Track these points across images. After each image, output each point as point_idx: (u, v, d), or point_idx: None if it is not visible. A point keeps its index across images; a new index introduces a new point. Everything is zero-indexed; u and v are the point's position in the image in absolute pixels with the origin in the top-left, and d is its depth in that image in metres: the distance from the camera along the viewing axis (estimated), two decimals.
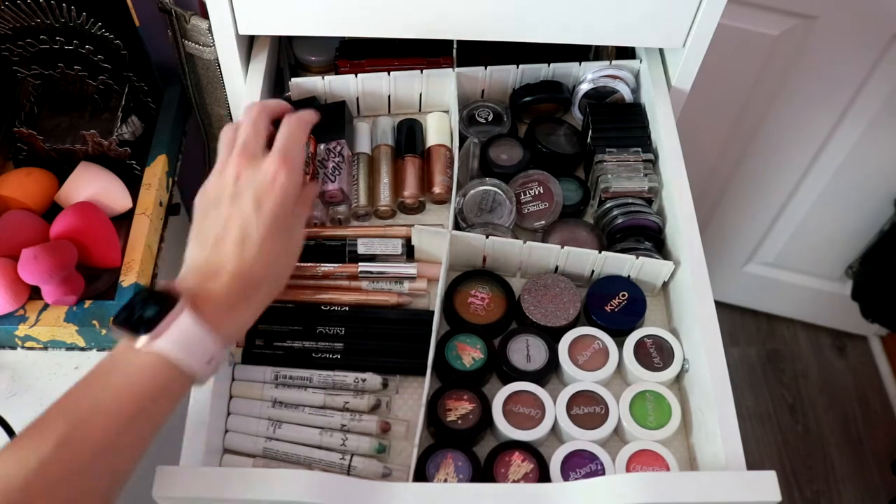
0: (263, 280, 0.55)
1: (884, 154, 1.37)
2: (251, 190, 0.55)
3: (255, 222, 0.54)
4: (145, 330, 0.49)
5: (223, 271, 0.53)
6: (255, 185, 0.56)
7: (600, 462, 0.65)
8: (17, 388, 0.75)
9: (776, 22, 1.20)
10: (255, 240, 0.54)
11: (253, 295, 0.55)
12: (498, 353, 0.70)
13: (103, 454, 0.48)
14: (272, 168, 0.56)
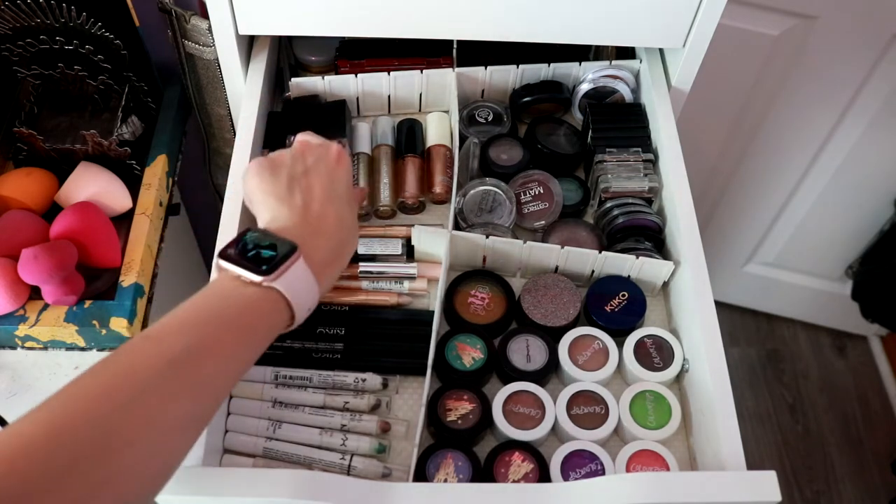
0: (347, 243, 0.59)
1: (884, 154, 1.37)
2: (323, 164, 0.60)
3: (336, 192, 0.59)
4: (267, 269, 0.51)
5: (322, 232, 0.57)
6: (325, 161, 0.61)
7: (600, 462, 0.65)
8: (17, 388, 0.75)
9: (776, 22, 1.20)
10: (341, 207, 0.59)
11: (341, 256, 0.59)
12: (498, 353, 0.70)
13: (216, 375, 0.48)
14: (335, 147, 0.62)
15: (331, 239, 0.57)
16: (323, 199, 0.58)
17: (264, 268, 0.51)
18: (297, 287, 0.53)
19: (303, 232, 0.56)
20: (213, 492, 0.55)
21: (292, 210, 0.57)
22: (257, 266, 0.51)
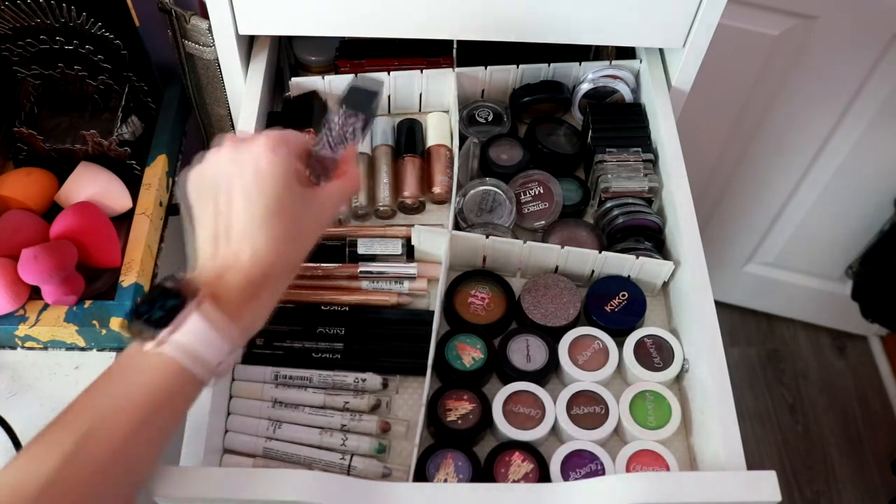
0: (268, 276, 0.51)
1: (884, 154, 1.37)
2: (239, 178, 0.50)
3: (247, 215, 0.50)
4: (153, 333, 0.47)
5: (227, 270, 0.50)
6: (242, 170, 0.50)
7: (600, 462, 0.65)
8: (17, 388, 0.75)
9: (776, 22, 1.20)
10: (253, 231, 0.50)
11: (267, 284, 0.51)
12: (498, 353, 0.70)
13: (119, 459, 0.46)
14: (256, 150, 0.50)
15: (244, 271, 0.50)
16: (245, 221, 0.50)
17: (150, 332, 0.47)
18: (193, 344, 0.48)
19: (212, 270, 0.50)
20: (213, 492, 0.55)
21: (206, 241, 0.51)
22: (146, 331, 0.47)
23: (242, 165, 0.50)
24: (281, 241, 0.51)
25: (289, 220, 0.51)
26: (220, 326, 0.48)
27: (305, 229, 0.53)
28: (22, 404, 0.74)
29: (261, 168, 0.50)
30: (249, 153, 0.50)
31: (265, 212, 0.50)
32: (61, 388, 0.75)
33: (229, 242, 0.50)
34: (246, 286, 0.50)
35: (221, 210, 0.51)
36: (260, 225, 0.50)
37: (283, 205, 0.50)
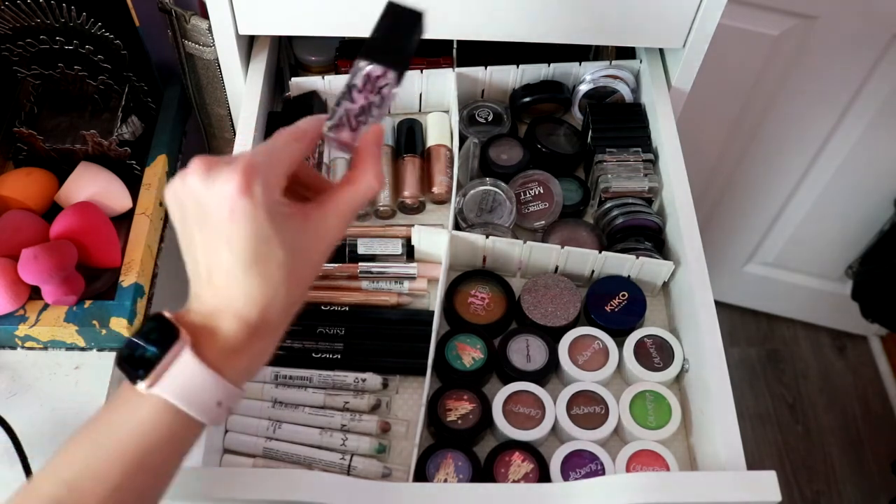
0: (263, 318, 0.45)
1: (884, 154, 1.37)
2: (214, 219, 0.44)
3: (230, 259, 0.44)
4: (144, 372, 0.43)
5: (220, 312, 0.45)
6: (216, 211, 0.43)
7: (600, 462, 0.64)
8: (17, 388, 0.75)
9: (776, 22, 1.20)
10: (239, 277, 0.44)
11: (260, 333, 0.46)
12: (498, 353, 0.70)
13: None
14: (227, 191, 0.43)
15: (237, 314, 0.44)
16: (227, 268, 0.44)
17: (140, 371, 0.43)
18: (184, 388, 0.43)
19: (203, 306, 0.45)
20: (213, 492, 0.55)
21: (193, 275, 0.46)
22: (137, 369, 0.43)
23: (215, 206, 0.43)
24: (274, 283, 0.45)
25: (280, 259, 0.44)
26: (217, 365, 0.44)
27: (305, 258, 0.46)
28: (22, 404, 0.74)
29: (235, 213, 0.43)
30: (220, 195, 0.43)
31: (249, 257, 0.44)
32: (61, 388, 0.75)
33: (215, 287, 0.45)
34: (242, 327, 0.45)
35: (199, 248, 0.45)
36: (245, 272, 0.44)
37: (269, 247, 0.44)
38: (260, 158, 0.44)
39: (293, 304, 0.47)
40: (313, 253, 0.47)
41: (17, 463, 0.68)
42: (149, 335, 0.44)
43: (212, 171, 0.43)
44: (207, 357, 0.44)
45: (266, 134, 0.80)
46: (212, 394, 0.44)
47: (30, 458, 0.68)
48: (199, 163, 0.44)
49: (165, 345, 0.43)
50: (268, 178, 0.44)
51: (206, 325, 0.45)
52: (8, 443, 0.68)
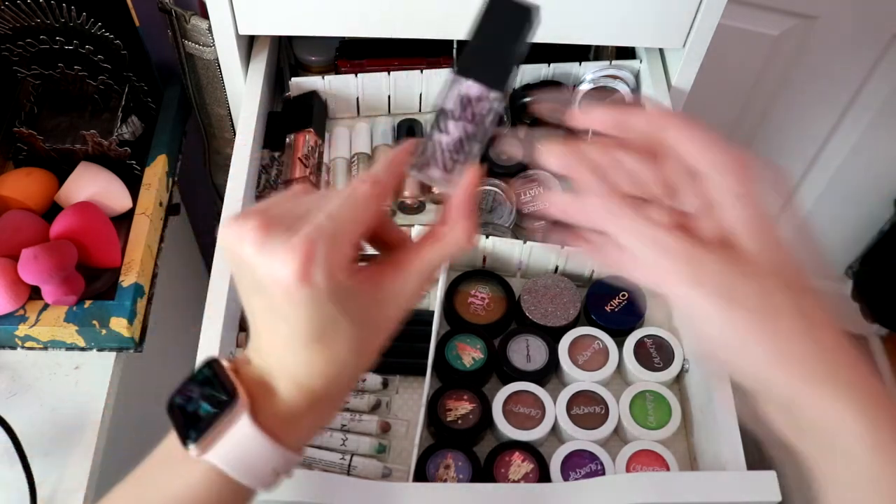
0: (326, 390, 0.41)
1: (884, 154, 1.37)
2: (270, 292, 0.38)
3: (290, 335, 0.39)
4: (196, 434, 0.39)
5: (280, 375, 0.40)
6: (270, 288, 0.38)
7: (600, 462, 0.64)
8: (17, 388, 0.75)
9: (776, 22, 1.19)
10: (300, 352, 0.39)
11: (323, 402, 0.41)
12: (498, 353, 0.70)
13: None
14: (283, 275, 0.37)
15: (298, 388, 0.40)
16: (284, 345, 0.40)
17: (192, 433, 0.39)
18: (239, 456, 0.39)
19: (264, 363, 0.41)
20: None
21: (252, 330, 0.42)
22: (188, 429, 0.39)
23: (271, 285, 0.38)
24: (341, 358, 0.40)
25: (347, 334, 0.40)
26: (275, 432, 0.39)
27: (378, 328, 0.41)
28: (22, 404, 0.74)
29: (293, 298, 0.37)
30: (276, 278, 0.37)
31: (311, 336, 0.39)
32: (61, 388, 0.75)
33: (276, 352, 0.40)
34: (304, 395, 0.40)
35: (257, 311, 0.40)
36: (307, 347, 0.39)
37: (335, 326, 0.39)
38: (325, 231, 0.37)
39: (361, 371, 0.43)
40: (387, 321, 0.41)
41: (17, 463, 0.68)
42: (203, 388, 0.40)
43: (267, 243, 0.37)
44: (266, 423, 0.39)
45: (266, 134, 0.80)
46: (268, 462, 0.40)
47: (30, 458, 0.68)
48: (255, 227, 0.37)
49: (222, 404, 0.39)
50: (332, 256, 0.37)
51: (265, 383, 0.40)
52: (8, 443, 0.68)
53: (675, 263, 0.39)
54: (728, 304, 0.37)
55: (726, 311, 0.38)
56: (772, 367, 0.37)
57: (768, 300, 0.38)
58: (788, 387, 0.37)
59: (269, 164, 0.79)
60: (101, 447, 0.73)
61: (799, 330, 0.37)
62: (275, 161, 0.80)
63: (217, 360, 0.41)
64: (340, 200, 0.39)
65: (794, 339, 0.37)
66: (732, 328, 0.38)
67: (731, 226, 0.39)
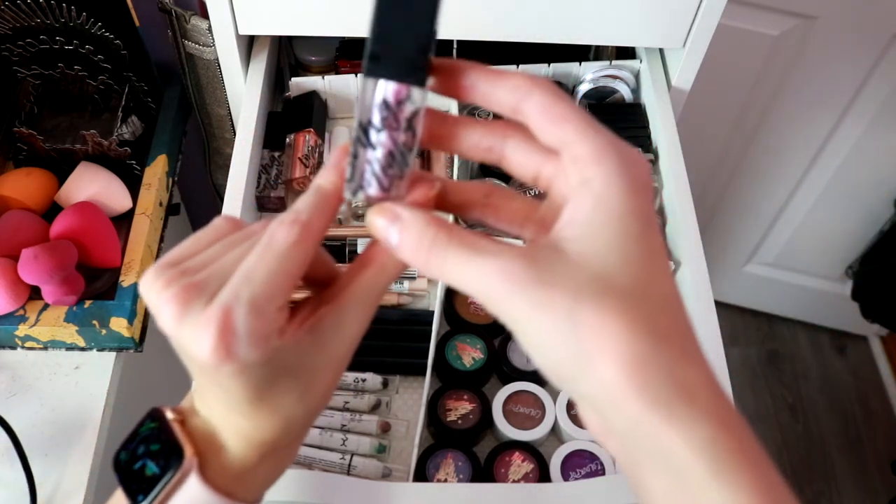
0: (277, 441, 0.38)
1: (884, 154, 1.37)
2: (195, 362, 0.34)
3: (228, 401, 0.36)
4: (143, 495, 0.36)
5: (227, 434, 0.37)
6: (197, 361, 0.34)
7: (600, 462, 0.64)
8: (17, 388, 0.75)
9: (776, 22, 1.20)
10: (245, 411, 0.36)
11: (276, 450, 0.38)
12: (498, 353, 0.70)
13: None
14: (203, 353, 0.32)
15: (250, 438, 0.37)
16: (222, 410, 0.37)
17: (140, 496, 0.36)
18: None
19: (209, 416, 0.37)
20: None
21: (194, 385, 0.39)
22: (137, 491, 0.36)
23: (195, 358, 0.33)
24: (288, 409, 0.37)
25: (290, 386, 0.36)
26: (227, 489, 0.37)
27: (324, 372, 0.37)
28: (22, 404, 0.74)
29: (219, 375, 0.34)
30: (196, 355, 0.33)
31: (251, 399, 0.35)
32: (61, 388, 0.75)
33: (219, 415, 0.37)
34: (253, 448, 0.37)
35: (193, 373, 0.36)
36: (251, 407, 0.36)
37: (273, 384, 0.36)
38: (243, 296, 0.32)
39: (315, 415, 0.39)
40: (333, 361, 0.37)
41: (17, 463, 0.68)
42: (149, 444, 0.37)
43: (184, 317, 0.32)
44: (216, 480, 0.36)
45: (266, 134, 0.80)
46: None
47: (30, 458, 0.68)
48: (170, 298, 0.33)
49: (168, 463, 0.36)
50: (254, 323, 0.32)
51: (213, 438, 0.37)
52: (8, 443, 0.69)
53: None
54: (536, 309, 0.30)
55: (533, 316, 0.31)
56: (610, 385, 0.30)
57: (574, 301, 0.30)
58: (626, 408, 0.30)
59: (269, 164, 0.79)
60: (101, 447, 0.73)
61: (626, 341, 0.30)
62: (275, 161, 0.80)
63: (162, 413, 0.37)
64: (258, 254, 0.33)
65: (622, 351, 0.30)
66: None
67: (569, 216, 0.32)
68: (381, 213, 0.34)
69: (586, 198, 0.31)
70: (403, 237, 0.33)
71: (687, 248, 0.70)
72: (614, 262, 0.30)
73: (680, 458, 0.30)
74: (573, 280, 0.30)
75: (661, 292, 0.31)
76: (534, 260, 0.31)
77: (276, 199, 0.78)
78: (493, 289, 0.31)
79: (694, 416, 0.30)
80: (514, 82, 0.35)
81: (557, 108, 0.33)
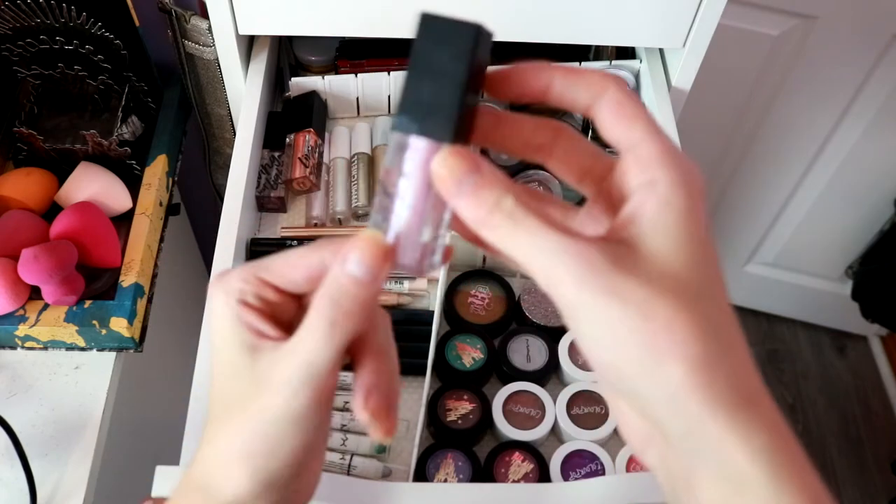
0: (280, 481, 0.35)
1: (884, 154, 1.37)
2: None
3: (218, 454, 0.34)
4: None
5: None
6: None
7: (600, 462, 0.64)
8: (17, 388, 0.75)
9: (776, 22, 1.20)
10: (230, 468, 0.33)
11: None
12: (498, 353, 0.70)
13: None
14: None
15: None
16: (220, 458, 0.34)
17: None
18: None
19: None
20: None
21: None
22: None
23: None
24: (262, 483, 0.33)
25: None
26: None
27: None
28: (22, 404, 0.74)
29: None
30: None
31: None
32: (61, 388, 0.75)
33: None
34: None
35: None
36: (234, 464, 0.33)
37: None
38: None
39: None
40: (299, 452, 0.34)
41: (17, 463, 0.68)
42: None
43: None
44: None
45: (266, 134, 0.80)
46: None
47: (30, 458, 0.68)
48: None
49: None
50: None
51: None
52: (8, 443, 0.69)
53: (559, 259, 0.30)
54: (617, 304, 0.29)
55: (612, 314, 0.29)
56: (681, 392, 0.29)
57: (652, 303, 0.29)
58: (688, 414, 0.29)
59: (269, 164, 0.79)
60: (101, 447, 0.73)
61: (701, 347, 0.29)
62: (275, 161, 0.80)
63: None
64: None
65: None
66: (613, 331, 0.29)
67: (633, 214, 0.31)
68: (461, 158, 0.31)
69: (652, 198, 0.30)
70: (480, 192, 0.31)
71: None
72: (684, 262, 0.30)
73: (739, 465, 0.29)
74: (646, 273, 0.29)
75: (722, 295, 0.31)
76: (608, 249, 0.30)
77: (276, 199, 0.78)
78: (565, 269, 0.29)
79: (755, 423, 0.29)
80: (591, 79, 0.33)
81: (629, 107, 0.32)
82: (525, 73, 0.36)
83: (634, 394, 0.30)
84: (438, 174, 0.31)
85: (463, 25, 0.31)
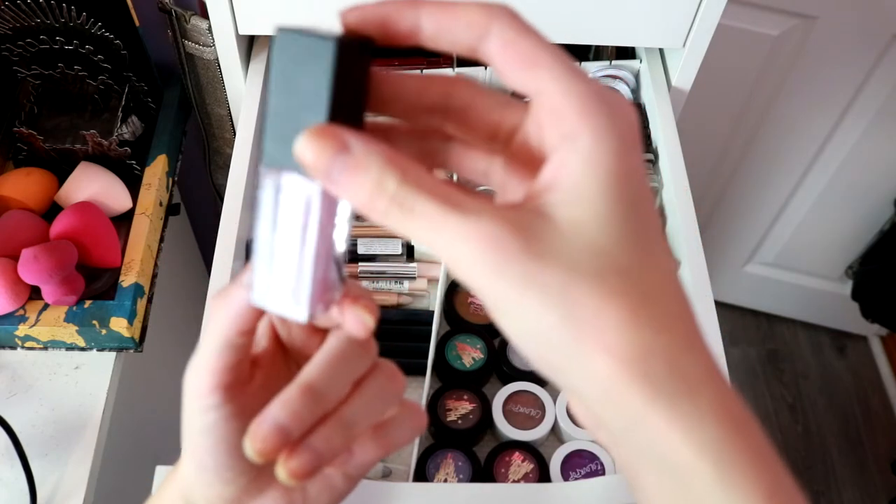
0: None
1: (884, 154, 1.37)
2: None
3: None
4: None
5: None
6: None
7: (600, 462, 0.64)
8: (17, 388, 0.75)
9: (776, 22, 1.20)
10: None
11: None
12: (498, 353, 0.70)
13: None
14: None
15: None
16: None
17: None
18: None
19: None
20: None
21: None
22: None
23: None
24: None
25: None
26: None
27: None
28: (22, 404, 0.74)
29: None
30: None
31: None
32: (61, 388, 0.75)
33: None
34: None
35: None
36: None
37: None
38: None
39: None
40: None
41: (17, 463, 0.68)
42: None
43: None
44: None
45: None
46: None
47: (30, 458, 0.68)
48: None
49: None
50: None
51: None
52: (8, 443, 0.69)
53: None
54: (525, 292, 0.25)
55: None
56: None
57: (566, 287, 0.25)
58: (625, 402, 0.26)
59: None
60: (101, 447, 0.73)
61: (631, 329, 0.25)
62: None
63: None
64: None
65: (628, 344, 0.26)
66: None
67: (552, 178, 0.26)
68: (322, 137, 0.26)
69: (572, 157, 0.26)
70: (355, 177, 0.25)
71: (687, 248, 0.70)
72: (610, 234, 0.25)
73: (683, 461, 0.26)
74: (566, 253, 0.25)
75: (660, 269, 0.26)
76: (521, 225, 0.25)
77: None
78: (475, 258, 0.25)
79: (698, 413, 0.26)
80: (469, 15, 0.28)
81: (523, 44, 0.28)
82: (387, 13, 0.29)
83: (568, 388, 0.27)
84: (304, 161, 0.26)
85: (320, 41, 0.27)
